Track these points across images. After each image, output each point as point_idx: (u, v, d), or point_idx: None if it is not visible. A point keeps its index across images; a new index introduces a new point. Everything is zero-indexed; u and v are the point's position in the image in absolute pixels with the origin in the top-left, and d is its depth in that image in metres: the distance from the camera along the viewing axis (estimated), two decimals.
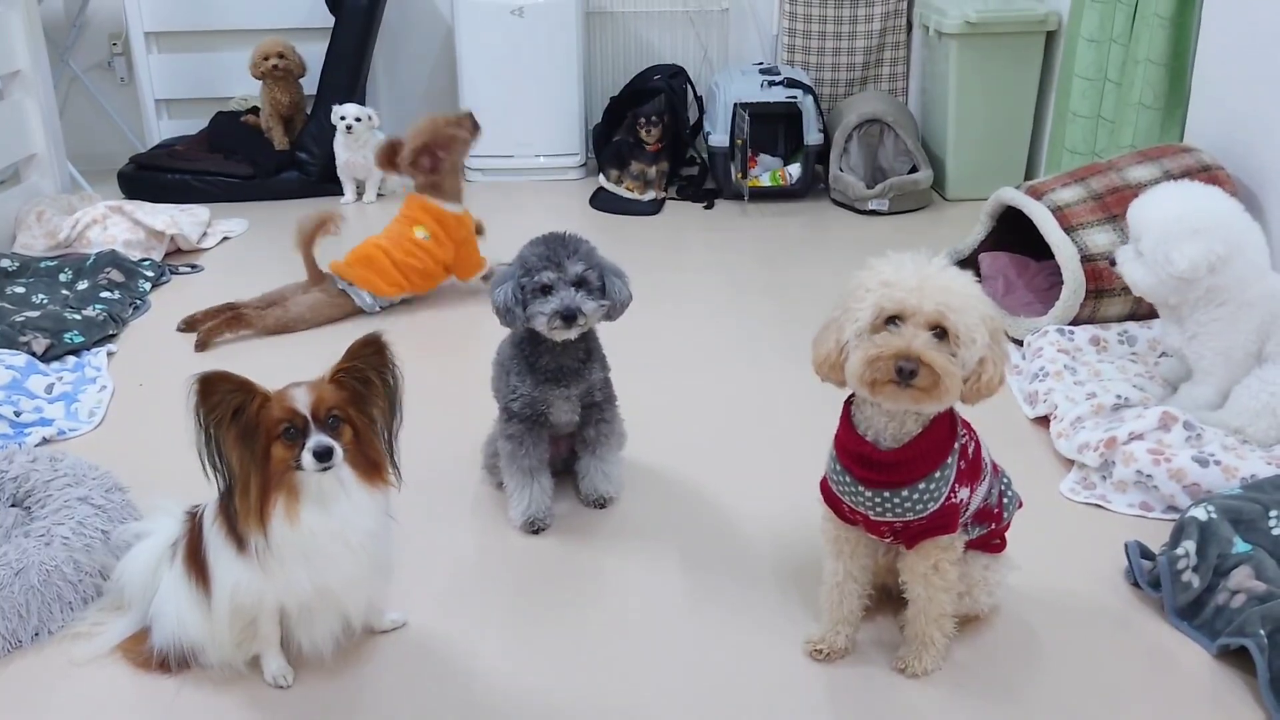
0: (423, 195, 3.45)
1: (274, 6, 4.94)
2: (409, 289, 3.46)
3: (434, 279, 3.50)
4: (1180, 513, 2.13)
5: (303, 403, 1.67)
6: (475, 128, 3.45)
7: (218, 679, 1.85)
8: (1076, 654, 1.91)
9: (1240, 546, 1.99)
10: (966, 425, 1.79)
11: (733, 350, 3.15)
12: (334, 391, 1.71)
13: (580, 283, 2.13)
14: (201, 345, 3.17)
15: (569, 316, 2.11)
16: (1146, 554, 2.08)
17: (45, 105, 4.11)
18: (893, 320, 1.61)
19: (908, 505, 1.71)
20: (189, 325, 3.25)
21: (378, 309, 3.41)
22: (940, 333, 1.60)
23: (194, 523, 1.84)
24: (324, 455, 1.65)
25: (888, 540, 1.81)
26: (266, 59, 4.59)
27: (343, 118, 4.40)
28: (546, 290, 2.13)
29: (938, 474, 1.70)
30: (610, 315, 2.20)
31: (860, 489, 1.73)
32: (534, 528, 2.27)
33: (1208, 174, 2.92)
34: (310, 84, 4.74)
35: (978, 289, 1.64)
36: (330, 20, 4.66)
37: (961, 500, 1.74)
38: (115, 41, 5.13)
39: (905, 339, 1.58)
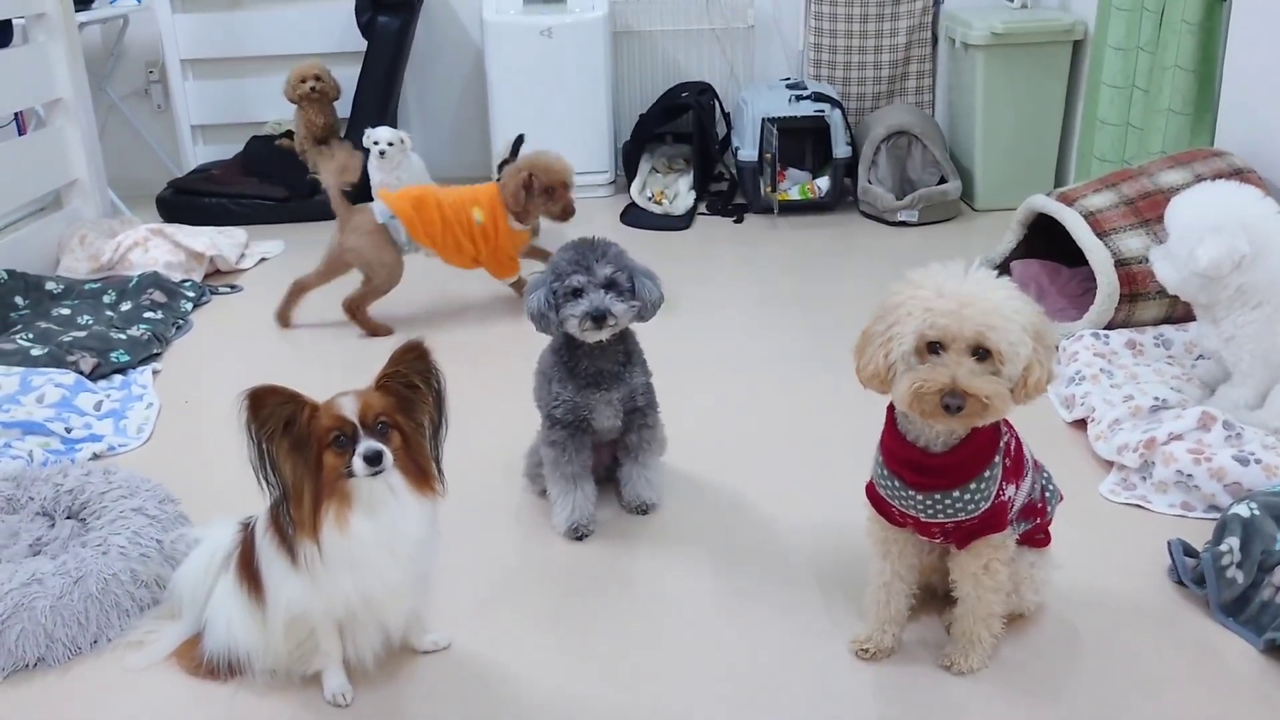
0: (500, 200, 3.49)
1: (306, 32, 5.03)
2: (438, 247, 3.49)
3: (463, 255, 3.52)
4: (1221, 511, 2.14)
5: (350, 410, 1.69)
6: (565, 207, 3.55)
7: (269, 685, 1.88)
8: (1122, 651, 1.91)
9: None
10: (1006, 423, 1.80)
11: (767, 360, 3.18)
12: (381, 398, 1.73)
13: (610, 284, 2.17)
14: (284, 323, 3.37)
15: (599, 317, 2.15)
16: (1190, 551, 2.09)
17: (86, 132, 4.20)
18: (935, 345, 1.62)
19: (959, 506, 1.72)
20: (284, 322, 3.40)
21: (406, 249, 3.45)
22: (984, 352, 1.61)
23: (247, 534, 1.87)
24: (374, 459, 1.68)
25: (938, 541, 1.83)
26: (304, 81, 4.66)
27: (375, 142, 4.46)
28: (577, 293, 2.17)
29: (987, 473, 1.72)
30: (642, 316, 2.23)
31: (911, 493, 1.75)
32: (578, 534, 2.29)
33: (1239, 177, 2.93)
34: (344, 107, 4.81)
35: (1018, 297, 1.65)
36: (362, 45, 4.74)
37: (1009, 497, 1.75)
38: (152, 69, 5.23)
39: (949, 371, 1.59)
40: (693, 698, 1.85)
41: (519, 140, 4.10)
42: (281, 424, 1.67)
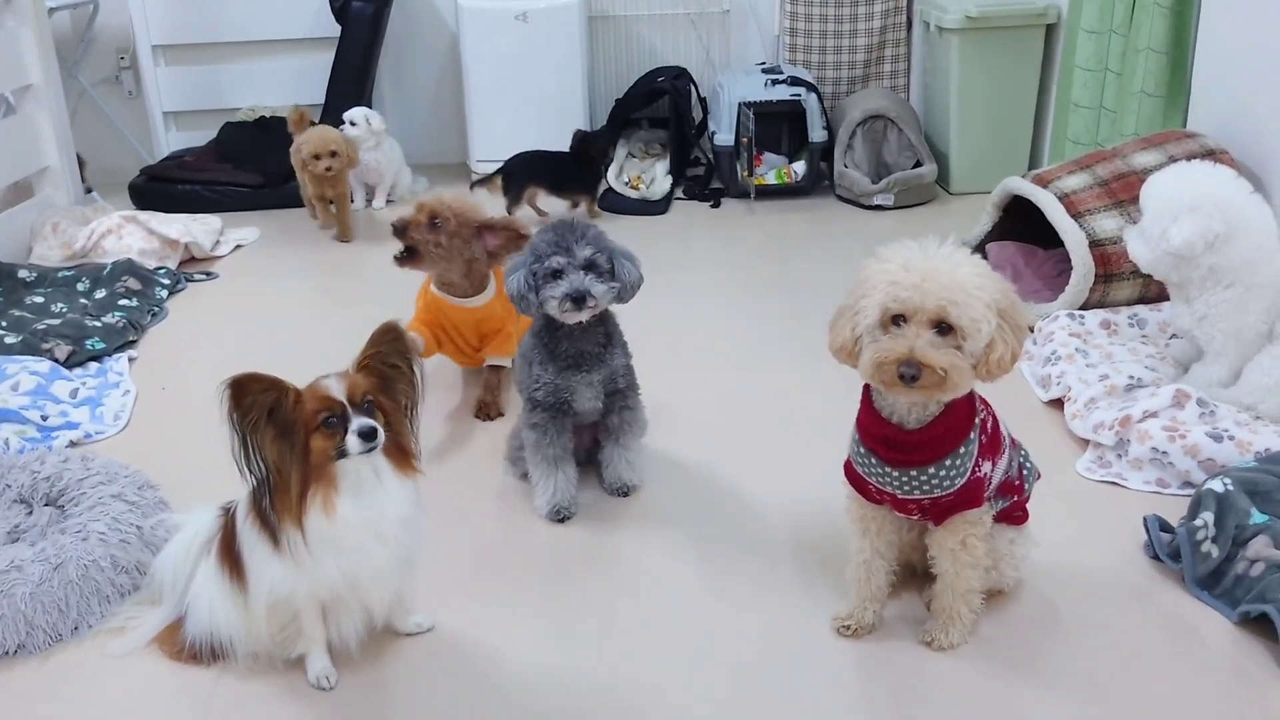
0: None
1: (279, 17, 4.99)
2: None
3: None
4: (1196, 488, 2.16)
5: (338, 390, 1.69)
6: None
7: (252, 669, 1.88)
8: (1100, 626, 1.94)
9: (1257, 517, 2.02)
10: (983, 401, 1.82)
11: (745, 343, 3.19)
12: (364, 379, 1.73)
13: (589, 266, 2.17)
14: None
15: (578, 299, 2.15)
16: (1165, 527, 2.11)
17: (57, 118, 4.15)
18: (899, 318, 1.64)
19: (935, 482, 1.74)
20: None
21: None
22: (946, 327, 1.63)
23: (228, 519, 1.87)
24: (369, 435, 1.68)
25: (915, 518, 1.85)
26: (318, 158, 4.09)
27: (340, 122, 4.43)
28: (557, 275, 2.17)
29: (962, 449, 1.73)
30: (621, 297, 2.24)
31: (887, 469, 1.76)
32: (559, 516, 2.30)
33: (1212, 159, 2.95)
34: (318, 93, 4.77)
35: (984, 273, 1.65)
36: (336, 30, 4.70)
37: (985, 474, 1.77)
38: (123, 55, 5.18)
39: (907, 343, 1.61)
40: (676, 676, 1.86)
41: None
42: (265, 411, 1.66)
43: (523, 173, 4.28)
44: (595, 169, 4.43)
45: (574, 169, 4.37)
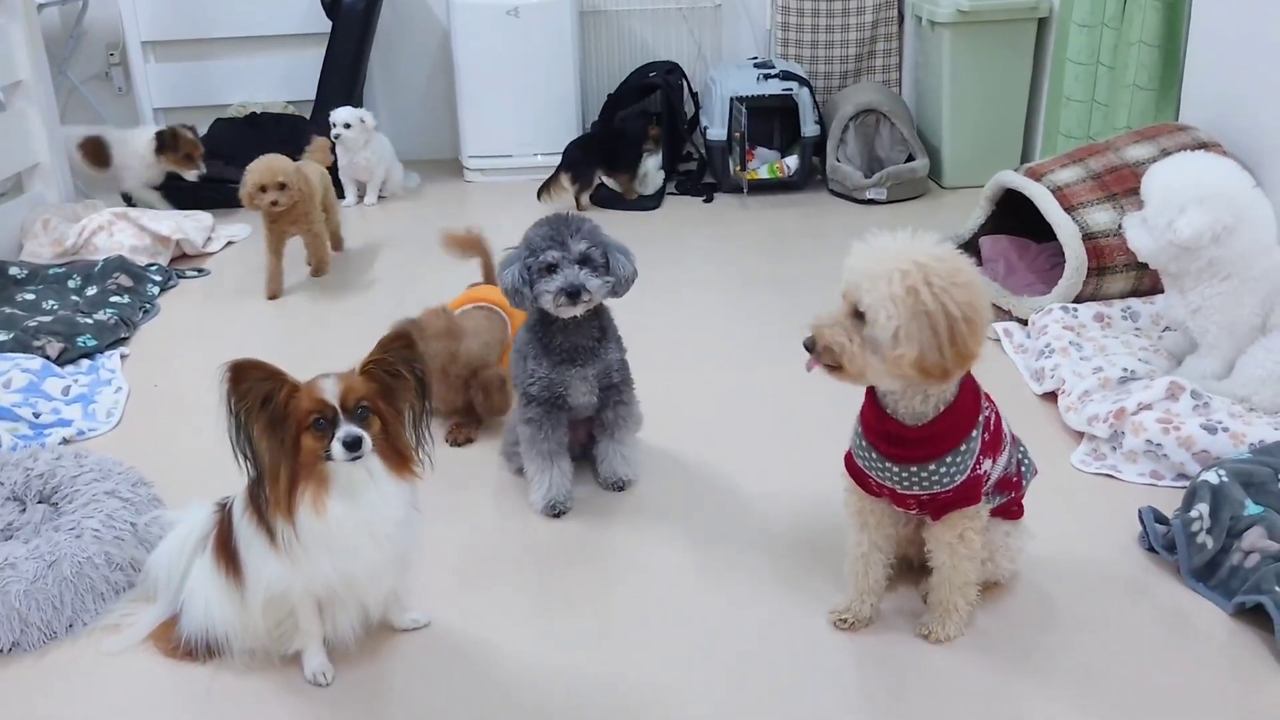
0: None
1: (270, 13, 4.97)
2: None
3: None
4: (1190, 479, 2.17)
5: (331, 393, 1.68)
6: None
7: (248, 666, 1.87)
8: (1095, 618, 1.94)
9: (1252, 508, 2.03)
10: (988, 398, 1.82)
11: (740, 337, 3.19)
12: (363, 383, 1.72)
13: (584, 260, 2.17)
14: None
15: (573, 293, 2.14)
16: (1160, 519, 2.12)
17: (47, 115, 4.13)
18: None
19: (935, 479, 1.74)
20: None
21: None
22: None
23: (224, 514, 1.86)
24: (353, 445, 1.67)
25: (913, 512, 1.85)
26: (264, 190, 3.50)
27: (333, 124, 4.40)
28: (552, 269, 2.16)
29: (963, 447, 1.73)
30: (616, 291, 2.23)
31: (888, 464, 1.76)
32: (555, 511, 2.30)
33: (1204, 151, 2.96)
34: (309, 89, 4.75)
35: (914, 271, 1.59)
36: (327, 25, 4.69)
37: (985, 472, 1.77)
38: (112, 52, 5.16)
39: (818, 319, 1.69)
40: (672, 670, 1.86)
41: None
42: (259, 400, 1.66)
43: (586, 158, 4.43)
44: (638, 148, 4.59)
45: (622, 148, 4.55)
